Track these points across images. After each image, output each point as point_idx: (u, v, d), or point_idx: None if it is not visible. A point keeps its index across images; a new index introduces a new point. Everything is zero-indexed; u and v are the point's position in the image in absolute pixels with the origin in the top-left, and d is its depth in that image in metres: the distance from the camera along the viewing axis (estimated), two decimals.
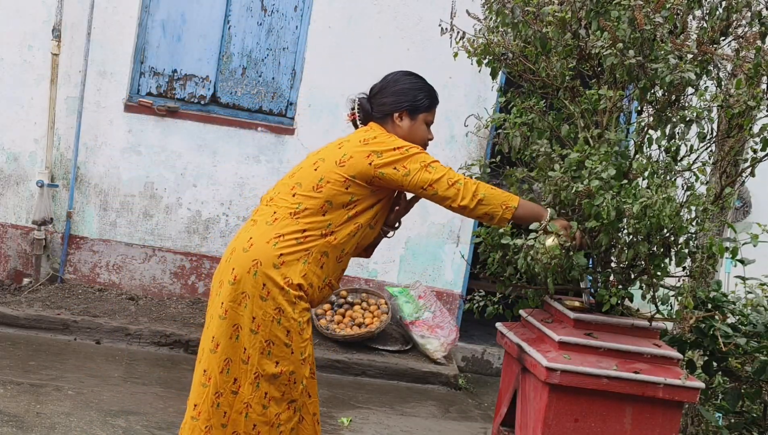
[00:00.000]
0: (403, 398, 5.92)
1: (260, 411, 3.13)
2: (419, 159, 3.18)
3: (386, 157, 3.16)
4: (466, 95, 6.69)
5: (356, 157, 3.18)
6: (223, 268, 3.23)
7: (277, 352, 3.12)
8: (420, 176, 3.15)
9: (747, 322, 3.75)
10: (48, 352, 5.68)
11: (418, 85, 3.37)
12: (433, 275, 6.84)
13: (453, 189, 3.14)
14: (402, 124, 3.32)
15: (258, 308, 3.10)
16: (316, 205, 3.16)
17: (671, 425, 3.17)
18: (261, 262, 3.11)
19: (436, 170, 3.17)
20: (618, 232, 3.21)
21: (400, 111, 3.31)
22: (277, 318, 3.11)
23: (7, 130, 6.57)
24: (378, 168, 3.16)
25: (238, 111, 6.77)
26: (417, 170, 3.15)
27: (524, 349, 3.29)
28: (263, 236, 3.15)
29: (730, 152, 3.54)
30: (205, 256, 6.74)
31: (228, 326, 3.14)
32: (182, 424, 3.30)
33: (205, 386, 3.18)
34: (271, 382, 3.12)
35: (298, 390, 3.17)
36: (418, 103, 3.33)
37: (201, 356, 3.25)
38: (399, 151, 3.18)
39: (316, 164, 3.24)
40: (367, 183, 3.18)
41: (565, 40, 3.31)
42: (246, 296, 3.11)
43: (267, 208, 3.25)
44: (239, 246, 3.19)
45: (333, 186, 3.16)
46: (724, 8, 3.29)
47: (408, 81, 3.37)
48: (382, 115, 3.34)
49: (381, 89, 3.39)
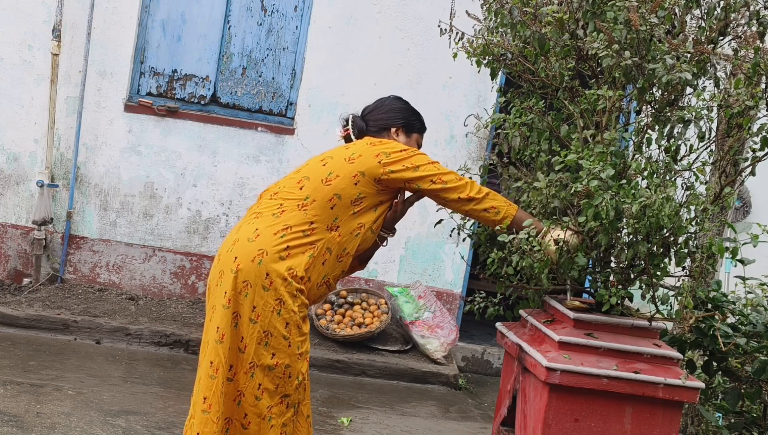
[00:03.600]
0: (403, 398, 5.92)
1: (252, 401, 3.13)
2: (425, 158, 3.33)
3: (394, 157, 3.28)
4: (465, 95, 6.70)
5: (365, 155, 3.28)
6: (224, 258, 3.22)
7: (275, 344, 3.12)
8: (429, 171, 3.29)
9: (747, 322, 3.75)
10: (48, 352, 5.68)
11: (410, 108, 3.56)
12: (433, 275, 6.85)
13: (461, 181, 3.30)
14: (398, 139, 3.47)
15: (259, 298, 3.11)
16: (325, 196, 3.23)
17: (671, 425, 3.17)
18: (267, 251, 3.13)
19: (442, 167, 3.34)
20: (617, 232, 3.20)
21: (396, 126, 3.48)
22: (277, 309, 3.12)
23: (7, 130, 6.57)
24: (387, 165, 3.27)
25: (238, 111, 6.78)
26: (425, 164, 3.30)
27: (524, 349, 3.29)
28: (271, 228, 3.18)
29: (729, 152, 3.54)
30: (205, 256, 6.74)
31: (231, 314, 3.15)
32: (188, 419, 3.28)
33: (213, 378, 3.16)
34: (266, 373, 3.12)
35: (292, 385, 3.17)
36: (412, 123, 3.53)
37: (205, 349, 3.24)
38: (405, 151, 3.32)
39: (324, 161, 3.33)
40: (375, 181, 3.27)
41: (563, 41, 3.31)
42: (248, 285, 3.12)
43: (271, 201, 3.28)
44: (243, 236, 3.19)
45: (342, 180, 3.24)
46: (723, 8, 3.29)
47: (400, 104, 3.57)
48: (378, 129, 3.48)
49: (375, 108, 3.55)
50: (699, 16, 3.37)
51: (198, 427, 3.17)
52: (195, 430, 3.18)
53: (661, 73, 3.11)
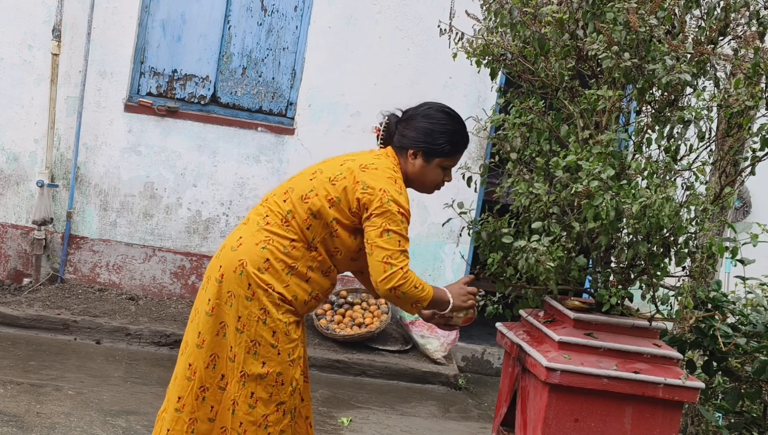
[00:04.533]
0: (403, 398, 5.92)
1: (246, 410, 3.12)
2: (388, 219, 3.03)
3: (368, 193, 3.06)
4: (465, 95, 6.69)
5: (348, 179, 3.10)
6: (212, 264, 3.22)
7: (264, 353, 3.11)
8: (373, 232, 3.04)
9: (747, 322, 3.75)
10: (48, 352, 5.68)
11: (445, 127, 3.20)
12: (433, 275, 6.84)
13: (384, 265, 3.01)
14: (415, 162, 3.20)
15: (243, 308, 3.10)
16: (302, 215, 3.11)
17: (671, 425, 3.17)
18: (246, 262, 3.09)
19: (388, 241, 3.02)
20: (618, 232, 3.21)
21: (415, 150, 3.19)
22: (262, 318, 3.09)
23: (7, 130, 6.57)
24: (357, 197, 3.07)
25: (238, 111, 6.78)
26: (375, 227, 3.03)
27: (524, 349, 3.29)
28: (253, 237, 3.13)
29: (729, 152, 3.54)
30: (205, 256, 6.74)
31: (215, 323, 3.14)
32: (160, 413, 3.27)
33: (190, 380, 3.18)
34: (258, 382, 3.11)
35: (287, 392, 3.15)
36: (436, 147, 3.18)
37: (185, 349, 3.25)
38: (383, 194, 3.05)
39: (314, 175, 3.19)
40: (349, 211, 3.10)
41: (563, 41, 3.31)
42: (232, 295, 3.11)
43: (261, 207, 3.23)
44: (228, 244, 3.19)
45: (319, 199, 3.10)
46: (723, 8, 3.29)
47: (437, 121, 3.21)
48: (399, 146, 3.24)
49: (410, 118, 3.25)
50: (699, 17, 3.37)
51: (169, 424, 3.20)
52: (165, 426, 3.21)
53: (660, 74, 3.11)
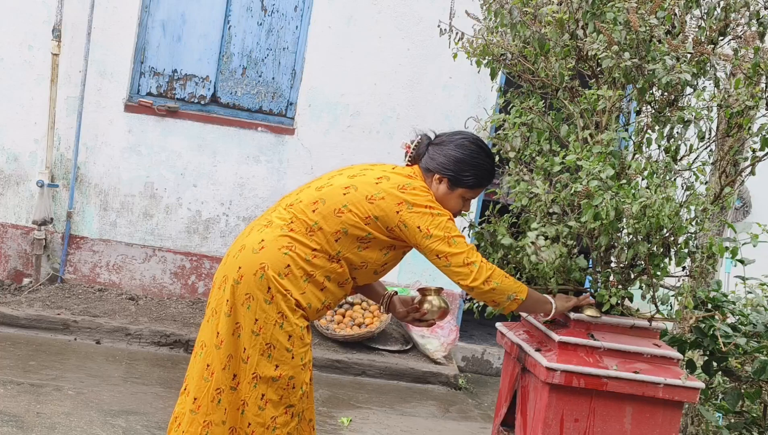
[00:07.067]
0: (403, 398, 5.92)
1: (255, 411, 3.12)
2: (444, 227, 3.11)
3: (415, 211, 3.10)
4: (465, 95, 6.70)
5: (387, 199, 3.12)
6: (230, 263, 3.19)
7: (278, 356, 3.11)
8: (439, 246, 3.09)
9: (747, 322, 3.74)
10: (48, 352, 5.68)
11: (475, 161, 3.26)
12: (433, 275, 6.82)
13: (467, 268, 3.08)
14: (439, 187, 3.24)
15: (261, 311, 3.09)
16: (332, 228, 3.11)
17: (671, 425, 3.17)
18: (268, 266, 3.09)
19: (456, 244, 3.10)
20: (617, 232, 3.20)
21: (441, 175, 3.24)
22: (279, 322, 3.10)
23: (7, 130, 6.57)
24: (403, 219, 3.10)
25: (238, 111, 6.78)
26: (438, 238, 3.09)
27: (524, 349, 3.29)
28: (276, 242, 3.12)
29: (729, 152, 3.54)
30: (205, 256, 6.74)
31: (232, 323, 3.14)
32: (174, 414, 3.28)
33: (207, 380, 3.17)
34: (269, 384, 3.11)
35: (297, 395, 3.16)
36: (462, 178, 3.24)
37: (199, 350, 3.23)
38: (430, 210, 3.11)
39: (348, 190, 3.17)
40: (387, 229, 3.13)
41: (563, 41, 3.31)
42: (250, 298, 3.10)
43: (285, 212, 3.19)
44: (249, 245, 3.16)
45: (354, 216, 3.11)
46: (723, 8, 3.29)
47: (468, 152, 3.26)
48: (426, 168, 3.27)
49: (441, 143, 3.30)
50: (699, 17, 3.36)
51: (184, 426, 3.21)
52: (182, 429, 3.22)
53: (660, 74, 3.11)
